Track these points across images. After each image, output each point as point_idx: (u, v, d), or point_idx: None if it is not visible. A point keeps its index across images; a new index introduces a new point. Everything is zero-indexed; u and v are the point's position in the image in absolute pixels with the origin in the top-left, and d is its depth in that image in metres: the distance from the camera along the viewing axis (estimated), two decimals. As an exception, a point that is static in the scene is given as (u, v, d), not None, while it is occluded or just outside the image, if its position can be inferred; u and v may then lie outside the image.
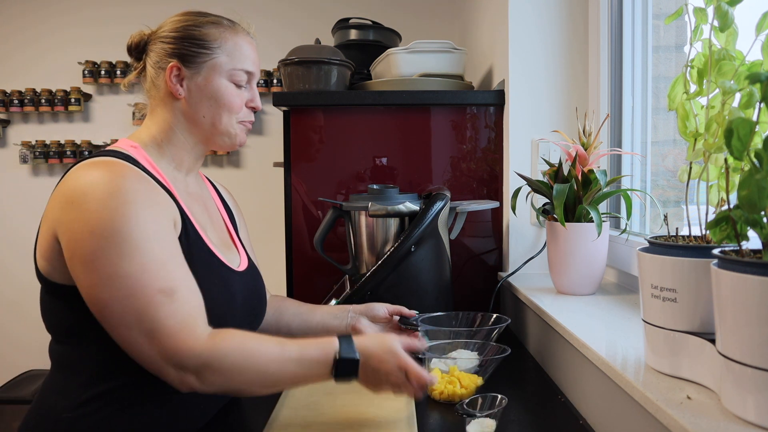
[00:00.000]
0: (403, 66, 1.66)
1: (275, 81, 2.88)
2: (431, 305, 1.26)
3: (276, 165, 1.76)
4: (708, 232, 0.68)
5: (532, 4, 1.56)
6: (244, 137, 1.04)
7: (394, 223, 1.28)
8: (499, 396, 0.87)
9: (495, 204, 1.38)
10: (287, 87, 1.68)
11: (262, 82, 2.86)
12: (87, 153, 2.85)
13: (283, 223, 1.68)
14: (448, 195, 1.27)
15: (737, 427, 0.58)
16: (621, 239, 1.29)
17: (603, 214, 1.24)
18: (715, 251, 0.62)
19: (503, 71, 1.64)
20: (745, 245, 0.62)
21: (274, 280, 2.02)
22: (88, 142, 2.95)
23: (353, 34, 1.88)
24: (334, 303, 0.99)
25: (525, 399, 1.02)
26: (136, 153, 0.94)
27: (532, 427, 0.91)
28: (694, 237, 0.77)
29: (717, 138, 0.69)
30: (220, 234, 1.05)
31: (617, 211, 1.45)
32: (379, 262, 1.23)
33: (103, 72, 2.92)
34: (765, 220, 0.58)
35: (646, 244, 0.76)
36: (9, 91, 2.94)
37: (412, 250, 1.23)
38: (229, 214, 1.13)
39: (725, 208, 0.65)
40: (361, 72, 1.85)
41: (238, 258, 1.05)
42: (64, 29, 2.97)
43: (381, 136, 1.66)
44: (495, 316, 1.19)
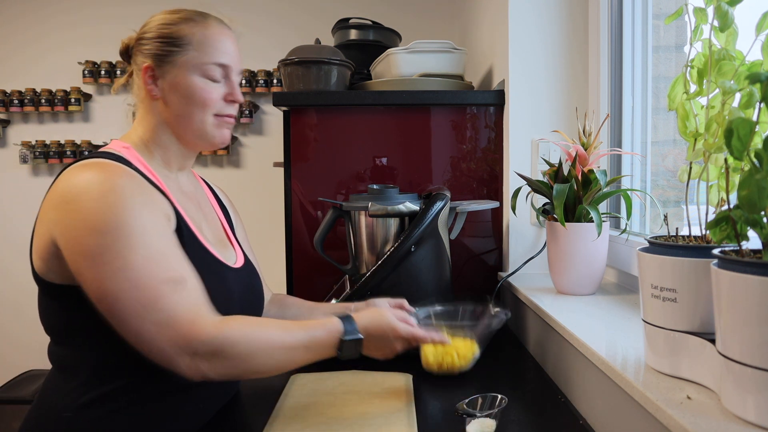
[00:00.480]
0: (403, 66, 1.66)
1: (275, 81, 2.88)
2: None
3: (276, 165, 1.76)
4: (708, 232, 0.68)
5: (532, 4, 1.56)
6: (225, 135, 1.02)
7: (394, 223, 1.28)
8: (499, 396, 0.87)
9: (495, 204, 1.38)
10: (287, 87, 1.68)
11: (262, 81, 2.86)
12: (87, 153, 2.85)
13: (283, 223, 1.68)
14: (448, 195, 1.27)
15: (737, 427, 0.58)
16: (621, 239, 1.29)
17: (603, 214, 1.24)
18: (715, 251, 0.62)
19: (503, 71, 1.64)
20: (745, 245, 0.62)
21: (275, 280, 2.02)
22: (88, 142, 2.96)
23: (353, 34, 1.88)
24: (334, 302, 1.00)
25: (525, 399, 1.02)
26: (128, 153, 0.95)
27: (532, 427, 0.91)
28: (694, 237, 0.77)
29: (717, 138, 0.69)
30: (215, 232, 1.06)
31: (617, 211, 1.45)
32: (379, 262, 1.23)
33: (103, 72, 2.92)
34: (765, 220, 0.58)
35: (646, 244, 0.76)
36: (9, 91, 2.94)
37: (412, 250, 1.23)
38: (224, 213, 1.14)
39: (725, 208, 0.65)
40: (361, 72, 1.85)
41: (234, 255, 1.06)
42: (64, 29, 2.97)
43: (381, 136, 1.66)
44: (495, 309, 1.19)
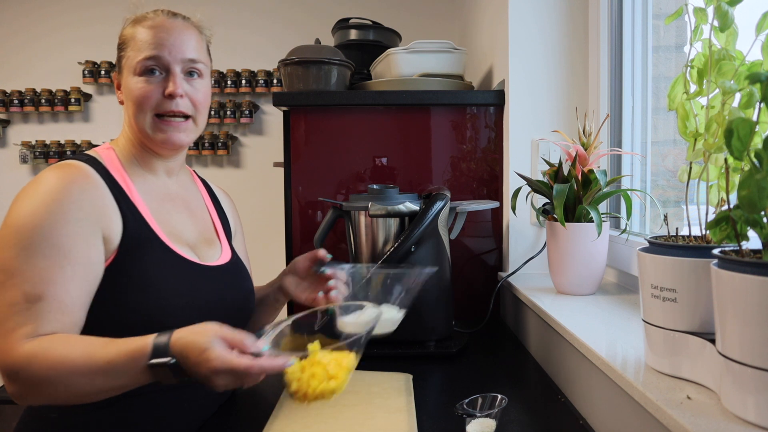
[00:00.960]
0: (403, 66, 1.66)
1: (275, 81, 2.88)
2: (431, 305, 1.26)
3: (276, 165, 1.76)
4: (708, 232, 0.68)
5: (532, 4, 1.56)
6: (171, 137, 0.96)
7: (394, 223, 1.28)
8: (499, 396, 0.87)
9: (495, 204, 1.38)
10: (287, 87, 1.68)
11: (262, 81, 2.86)
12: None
13: (283, 223, 1.68)
14: (448, 195, 1.27)
15: (737, 427, 0.58)
16: (621, 239, 1.29)
17: (603, 214, 1.24)
18: (715, 251, 0.62)
19: (503, 71, 1.64)
20: (745, 245, 0.62)
21: (274, 280, 2.02)
22: (88, 142, 2.96)
23: (353, 34, 1.88)
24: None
25: (525, 399, 1.02)
26: (107, 155, 0.97)
27: (532, 427, 0.91)
28: (694, 237, 0.77)
29: (717, 138, 0.69)
30: (201, 230, 1.06)
31: (617, 211, 1.45)
32: (379, 262, 1.23)
33: (103, 72, 2.92)
34: (765, 220, 0.58)
35: (646, 244, 0.76)
36: (9, 91, 2.94)
37: (412, 250, 1.23)
38: (219, 213, 1.15)
39: (725, 208, 0.65)
40: (361, 72, 1.85)
41: (219, 253, 1.06)
42: (64, 29, 2.97)
43: (381, 136, 1.66)
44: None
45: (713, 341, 0.65)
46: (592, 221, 1.19)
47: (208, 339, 0.74)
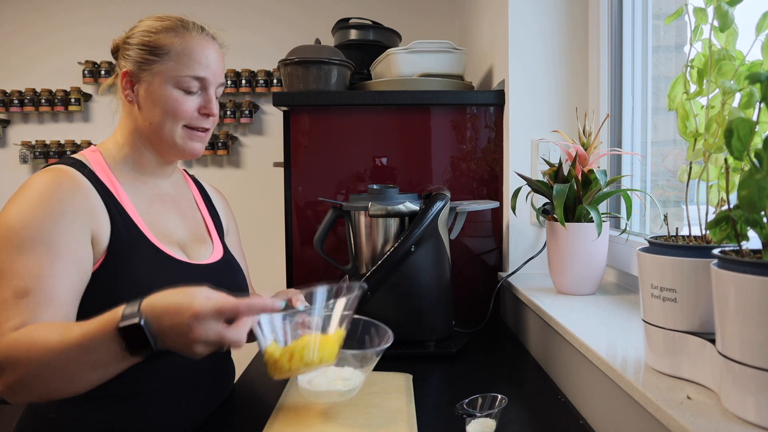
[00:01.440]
0: (403, 66, 1.66)
1: (275, 81, 2.88)
2: (431, 305, 1.26)
3: (276, 165, 1.76)
4: (708, 232, 0.68)
5: (532, 4, 1.56)
6: (195, 147, 1.01)
7: (394, 223, 1.28)
8: (499, 396, 0.87)
9: (495, 204, 1.38)
10: (287, 87, 1.68)
11: (262, 81, 2.86)
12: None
13: (283, 223, 1.68)
14: (448, 195, 1.27)
15: (737, 427, 0.58)
16: (621, 239, 1.29)
17: (603, 214, 1.24)
18: (715, 251, 0.62)
19: (503, 71, 1.64)
20: (745, 245, 0.62)
21: (275, 280, 2.02)
22: (88, 142, 2.95)
23: (353, 34, 1.88)
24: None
25: (525, 399, 1.02)
26: (92, 157, 0.98)
27: (532, 427, 0.91)
28: (694, 237, 0.77)
29: (717, 138, 0.69)
30: (192, 229, 1.07)
31: (617, 211, 1.45)
32: (379, 262, 1.23)
33: (103, 72, 2.92)
34: (765, 220, 0.58)
35: (646, 244, 0.76)
36: (9, 91, 2.93)
37: (412, 250, 1.23)
38: (211, 211, 1.15)
39: (725, 208, 0.65)
40: (361, 72, 1.85)
41: (210, 251, 1.07)
42: (64, 29, 2.97)
43: (381, 136, 1.66)
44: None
45: (713, 341, 0.65)
46: (592, 221, 1.19)
47: (189, 291, 0.74)
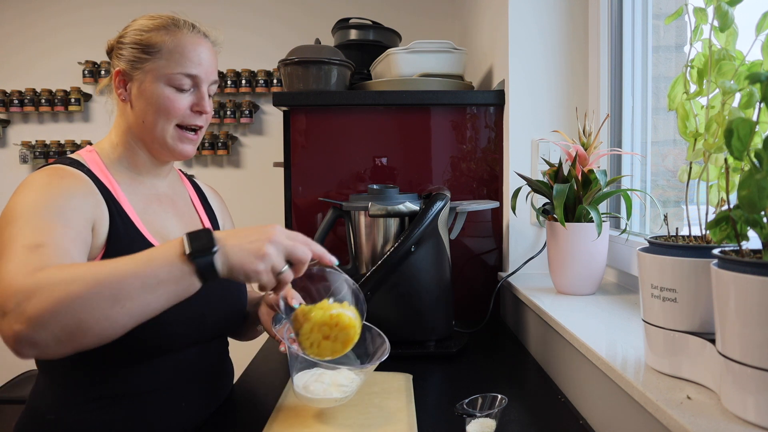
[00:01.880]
0: (403, 66, 1.66)
1: (275, 81, 2.88)
2: (431, 305, 1.26)
3: (276, 165, 1.76)
4: (708, 232, 0.68)
5: (532, 4, 1.56)
6: (187, 149, 1.01)
7: (394, 223, 1.28)
8: (499, 396, 0.87)
9: (495, 204, 1.38)
10: (287, 87, 1.68)
11: (262, 81, 2.86)
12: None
13: (284, 223, 1.68)
14: (448, 195, 1.27)
15: (737, 427, 0.58)
16: (621, 239, 1.29)
17: (603, 214, 1.24)
18: (715, 251, 0.62)
19: (503, 71, 1.64)
20: (745, 245, 0.62)
21: (274, 280, 2.02)
22: (88, 142, 2.95)
23: (353, 34, 1.88)
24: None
25: (525, 399, 1.02)
26: (89, 157, 0.98)
27: (532, 427, 0.91)
28: (694, 237, 0.77)
29: (717, 138, 0.69)
30: (189, 229, 1.05)
31: (617, 211, 1.45)
32: (379, 262, 1.23)
33: (103, 72, 2.92)
34: (765, 220, 0.58)
35: (646, 244, 0.76)
36: (9, 91, 2.94)
37: (412, 250, 1.23)
38: (207, 210, 1.16)
39: (725, 208, 0.65)
40: (361, 72, 1.85)
41: None
42: (64, 29, 2.97)
43: (381, 136, 1.66)
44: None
45: (713, 341, 0.65)
46: (592, 221, 1.19)
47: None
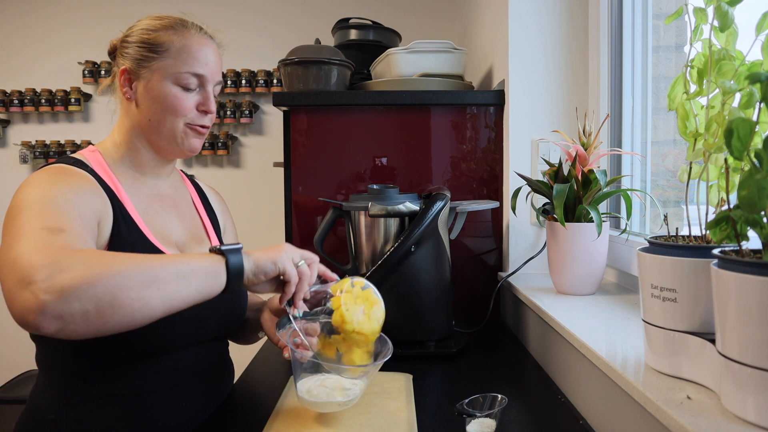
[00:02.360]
0: (403, 66, 1.66)
1: (275, 81, 2.88)
2: (431, 305, 1.26)
3: (276, 165, 1.76)
4: (708, 232, 0.68)
5: (532, 4, 1.56)
6: (193, 144, 1.03)
7: (394, 223, 1.28)
8: (499, 396, 0.87)
9: (495, 204, 1.38)
10: (287, 87, 1.68)
11: (262, 81, 2.86)
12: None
13: (283, 223, 1.68)
14: (448, 195, 1.27)
15: (737, 427, 0.58)
16: (621, 239, 1.29)
17: (603, 214, 1.24)
18: (715, 251, 0.62)
19: (503, 71, 1.64)
20: (745, 245, 0.62)
21: (274, 280, 2.01)
22: (88, 142, 2.95)
23: (353, 34, 1.88)
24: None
25: (525, 399, 1.02)
26: (92, 156, 0.98)
27: (532, 427, 0.91)
28: (694, 237, 0.77)
29: (717, 138, 0.69)
30: (190, 229, 1.07)
31: (617, 211, 1.45)
32: (379, 262, 1.23)
33: (103, 72, 2.92)
34: (765, 220, 0.58)
35: (646, 244, 0.76)
36: (9, 91, 2.94)
37: (412, 250, 1.23)
38: (208, 211, 1.16)
39: (725, 208, 0.65)
40: (361, 72, 1.85)
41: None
42: (64, 29, 2.97)
43: (381, 136, 1.66)
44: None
45: (713, 341, 0.65)
46: (592, 221, 1.19)
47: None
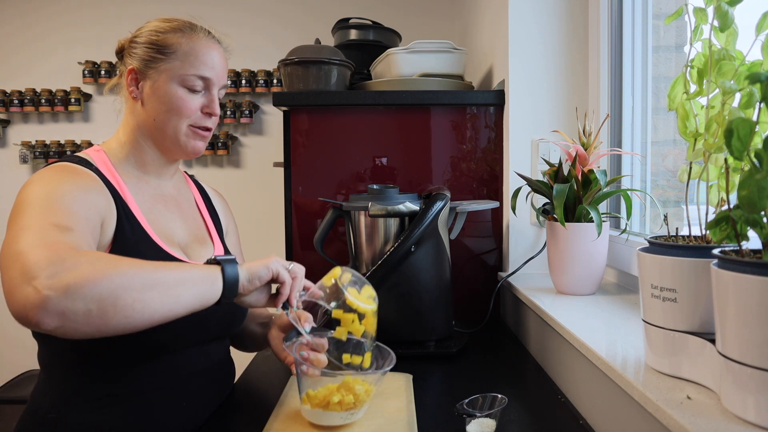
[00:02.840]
0: (403, 66, 1.66)
1: (275, 81, 2.88)
2: (431, 305, 1.26)
3: (276, 165, 1.76)
4: (708, 232, 0.68)
5: (532, 4, 1.56)
6: (197, 146, 1.04)
7: (394, 223, 1.28)
8: (499, 396, 0.87)
9: (495, 204, 1.38)
10: (287, 87, 1.68)
11: (262, 81, 2.86)
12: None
13: (283, 223, 1.68)
14: (448, 195, 1.27)
15: (737, 427, 0.58)
16: (621, 239, 1.29)
17: (603, 214, 1.24)
18: (715, 251, 0.62)
19: (503, 71, 1.64)
20: (745, 245, 0.62)
21: (274, 280, 2.02)
22: (88, 142, 2.95)
23: (353, 34, 1.88)
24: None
25: (525, 399, 1.02)
26: (96, 156, 0.98)
27: (532, 427, 0.91)
28: (694, 237, 0.77)
29: (717, 138, 0.69)
30: (192, 230, 1.07)
31: (617, 211, 1.45)
32: (379, 262, 1.23)
33: (103, 72, 2.92)
34: (765, 220, 0.58)
35: (646, 244, 0.76)
36: (9, 91, 2.94)
37: (412, 250, 1.23)
38: (211, 213, 1.16)
39: (725, 208, 0.65)
40: (361, 72, 1.85)
41: (211, 252, 1.08)
42: (64, 29, 2.97)
43: (381, 136, 1.66)
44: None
45: (713, 341, 0.65)
46: (592, 221, 1.19)
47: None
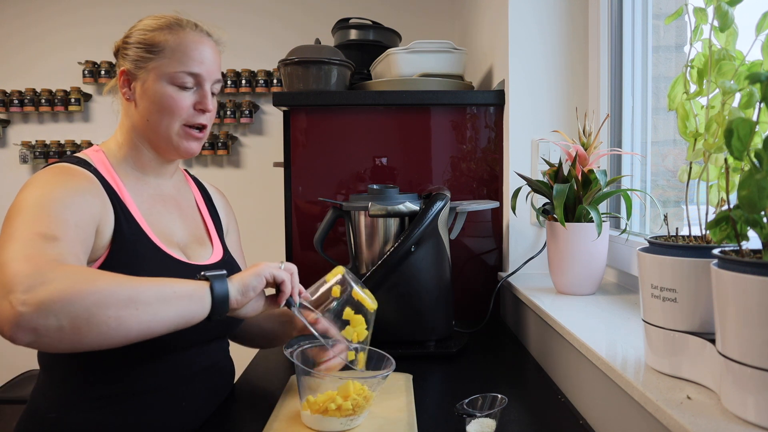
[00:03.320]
0: (403, 66, 1.66)
1: (275, 81, 2.88)
2: (431, 305, 1.26)
3: (276, 165, 1.76)
4: (708, 232, 0.68)
5: (532, 4, 1.56)
6: (192, 146, 1.03)
7: (394, 223, 1.28)
8: (499, 396, 0.87)
9: (495, 204, 1.38)
10: (287, 87, 1.68)
11: (262, 81, 2.86)
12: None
13: (283, 223, 1.68)
14: (448, 195, 1.27)
15: (737, 427, 0.58)
16: (621, 239, 1.29)
17: (603, 214, 1.24)
18: (715, 251, 0.62)
19: (503, 71, 1.64)
20: (745, 245, 0.62)
21: (274, 280, 2.02)
22: (88, 142, 2.95)
23: (353, 34, 1.88)
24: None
25: (525, 399, 1.02)
26: (95, 156, 0.98)
27: (532, 427, 0.91)
28: (694, 237, 0.77)
29: (717, 138, 0.69)
30: (192, 230, 1.07)
31: (617, 211, 1.45)
32: (379, 262, 1.23)
33: (103, 72, 2.92)
34: (765, 220, 0.58)
35: (646, 244, 0.76)
36: (9, 91, 2.94)
37: (412, 250, 1.23)
38: (212, 212, 1.16)
39: (725, 208, 0.65)
40: (361, 72, 1.85)
41: (210, 252, 1.07)
42: (64, 29, 2.97)
43: (381, 136, 1.66)
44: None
45: (713, 341, 0.65)
46: (592, 221, 1.19)
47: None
